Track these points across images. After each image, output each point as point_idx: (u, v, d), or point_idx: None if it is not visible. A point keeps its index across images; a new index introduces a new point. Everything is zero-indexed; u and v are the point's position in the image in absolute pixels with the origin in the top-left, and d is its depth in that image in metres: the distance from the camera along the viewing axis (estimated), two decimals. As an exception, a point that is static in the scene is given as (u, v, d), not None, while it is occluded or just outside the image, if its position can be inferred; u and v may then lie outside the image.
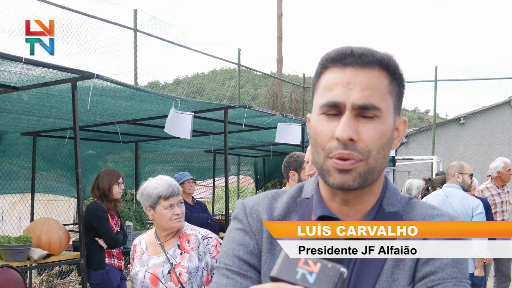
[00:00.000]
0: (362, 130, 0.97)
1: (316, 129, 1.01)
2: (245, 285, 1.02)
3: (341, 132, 0.96)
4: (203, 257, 2.80)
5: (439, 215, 1.05)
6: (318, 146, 1.01)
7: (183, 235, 2.86)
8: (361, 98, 0.97)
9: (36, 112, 5.65)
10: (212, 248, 2.81)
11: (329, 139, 0.99)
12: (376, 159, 0.99)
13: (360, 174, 0.98)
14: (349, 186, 0.99)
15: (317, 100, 1.02)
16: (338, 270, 0.75)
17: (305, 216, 1.07)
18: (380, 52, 1.01)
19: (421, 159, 12.37)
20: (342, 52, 1.00)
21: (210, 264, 2.80)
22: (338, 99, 0.98)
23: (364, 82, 0.98)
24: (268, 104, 13.93)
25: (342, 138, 0.96)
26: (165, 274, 2.76)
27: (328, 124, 0.99)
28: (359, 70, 0.99)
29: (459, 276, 0.98)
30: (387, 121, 1.00)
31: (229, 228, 1.12)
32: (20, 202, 9.01)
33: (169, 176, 2.98)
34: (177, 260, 2.79)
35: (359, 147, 0.97)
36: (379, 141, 0.99)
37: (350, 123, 0.96)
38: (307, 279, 0.74)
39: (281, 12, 16.07)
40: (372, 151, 0.98)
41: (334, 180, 0.99)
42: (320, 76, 1.03)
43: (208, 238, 2.82)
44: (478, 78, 13.28)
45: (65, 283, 8.22)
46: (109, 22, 8.47)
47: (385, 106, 1.00)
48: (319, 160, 1.01)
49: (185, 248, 2.81)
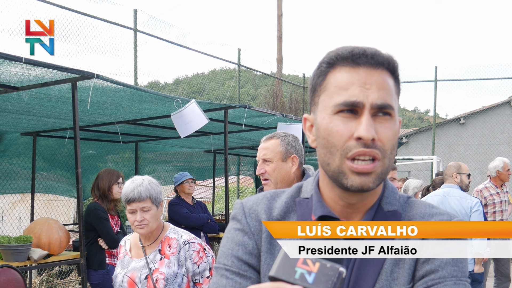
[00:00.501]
0: (380, 130, 0.97)
1: (331, 129, 0.98)
2: (244, 285, 1.02)
3: (365, 132, 0.95)
4: (183, 263, 2.66)
5: (438, 214, 1.05)
6: (332, 147, 0.99)
7: (165, 239, 2.72)
8: (380, 98, 0.97)
9: (36, 112, 5.65)
10: (194, 254, 2.67)
11: (347, 139, 0.97)
12: (389, 159, 1.00)
13: (378, 175, 0.98)
14: (368, 188, 0.98)
15: (328, 100, 1.00)
16: (337, 270, 0.75)
17: (304, 216, 1.07)
18: (386, 54, 1.02)
19: (421, 159, 12.36)
20: (354, 52, 0.99)
21: (192, 270, 2.66)
22: (357, 98, 0.97)
23: (378, 82, 0.98)
24: (268, 104, 13.93)
25: (366, 138, 0.95)
26: (142, 279, 2.66)
27: (344, 124, 0.97)
28: (373, 71, 0.99)
29: (459, 274, 0.98)
30: (396, 121, 1.02)
31: (228, 228, 1.11)
32: (20, 202, 9.01)
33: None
34: (156, 265, 2.67)
35: (378, 146, 0.97)
36: (393, 141, 1.00)
37: (371, 123, 0.96)
38: (306, 279, 0.74)
39: (281, 12, 16.07)
40: (387, 151, 0.99)
41: (352, 183, 0.98)
42: (327, 75, 1.02)
43: (189, 243, 2.67)
44: (478, 78, 13.27)
45: (65, 283, 8.22)
46: (109, 22, 8.47)
47: (395, 106, 1.01)
48: (333, 162, 0.99)
49: (165, 253, 2.68)
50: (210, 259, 2.72)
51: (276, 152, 2.59)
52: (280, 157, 2.59)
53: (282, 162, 2.59)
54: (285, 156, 2.59)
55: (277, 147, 2.60)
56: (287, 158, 2.59)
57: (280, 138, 2.63)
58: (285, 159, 2.59)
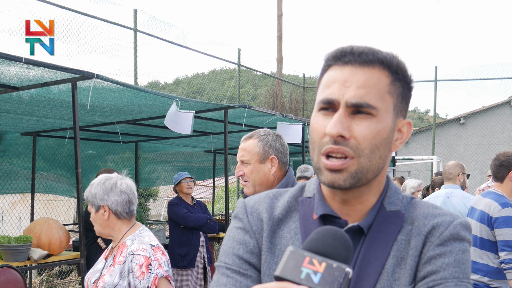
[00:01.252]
0: (355, 128, 0.97)
1: (312, 126, 1.02)
2: (244, 284, 1.02)
3: (331, 128, 0.96)
4: (125, 275, 2.40)
5: (441, 215, 1.04)
6: (313, 142, 1.01)
7: (122, 244, 2.52)
8: (355, 96, 0.96)
9: (36, 112, 5.65)
10: (136, 267, 2.39)
11: (323, 136, 0.98)
12: (369, 159, 0.98)
13: (351, 174, 0.98)
14: (339, 186, 0.98)
15: (317, 98, 1.02)
16: (344, 270, 0.74)
17: (306, 215, 1.07)
18: (383, 52, 1.01)
19: (421, 159, 12.36)
20: (342, 51, 1.00)
21: (133, 285, 2.37)
22: (333, 96, 0.98)
23: (361, 80, 0.97)
24: (268, 104, 13.92)
25: (331, 134, 0.96)
26: (91, 283, 2.51)
27: (323, 121, 0.99)
28: (358, 69, 0.98)
29: (460, 276, 0.97)
30: (383, 121, 0.99)
31: (230, 227, 1.11)
32: (20, 202, 9.01)
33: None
34: (105, 271, 2.49)
35: (351, 144, 0.97)
36: (373, 140, 0.98)
37: (342, 120, 0.96)
38: (312, 279, 0.73)
39: (281, 12, 16.08)
40: (365, 149, 0.97)
41: (325, 179, 0.99)
42: (323, 74, 1.03)
43: (134, 255, 2.41)
44: (478, 78, 13.27)
45: (65, 283, 8.22)
46: (109, 22, 8.46)
47: (382, 105, 0.99)
48: (313, 157, 1.01)
49: (115, 260, 2.47)
50: (152, 277, 2.40)
51: (253, 153, 2.47)
52: (257, 159, 2.47)
53: (260, 164, 2.47)
54: (263, 158, 2.47)
55: (255, 148, 2.48)
56: (265, 160, 2.47)
57: (258, 138, 2.50)
58: (263, 161, 2.47)
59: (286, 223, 1.08)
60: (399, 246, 1.01)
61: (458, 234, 1.01)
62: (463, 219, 1.04)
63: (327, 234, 0.80)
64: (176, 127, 5.27)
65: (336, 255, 0.78)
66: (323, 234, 0.80)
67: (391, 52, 1.02)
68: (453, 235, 1.00)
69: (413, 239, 1.01)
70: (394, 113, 1.02)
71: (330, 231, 0.81)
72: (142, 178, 8.83)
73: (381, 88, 0.99)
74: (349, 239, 0.81)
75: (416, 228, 1.02)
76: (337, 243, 0.79)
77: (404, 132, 1.06)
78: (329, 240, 0.79)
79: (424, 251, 1.00)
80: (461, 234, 1.01)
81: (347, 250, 0.79)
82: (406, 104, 1.06)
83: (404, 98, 1.04)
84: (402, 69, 1.02)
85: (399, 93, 1.02)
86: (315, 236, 0.80)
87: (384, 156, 1.01)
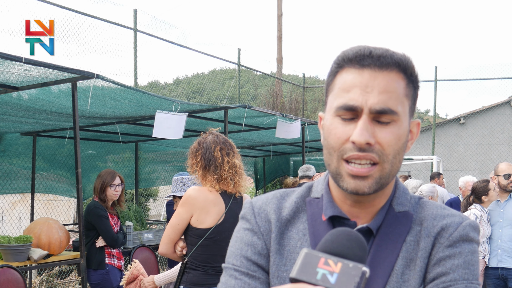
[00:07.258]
0: (379, 135, 0.96)
1: (330, 131, 0.99)
2: (253, 286, 1.01)
3: (358, 136, 0.94)
4: None
5: (450, 215, 1.03)
6: (331, 148, 0.99)
7: None
8: (379, 103, 0.95)
9: (36, 112, 5.64)
10: None
11: (344, 142, 0.96)
12: (392, 164, 0.97)
13: (376, 180, 0.97)
14: (363, 193, 0.97)
15: (332, 101, 0.99)
16: (360, 269, 0.73)
17: (314, 216, 1.06)
18: (398, 54, 0.99)
19: (421, 159, 12.35)
20: (360, 53, 0.97)
21: None
22: (356, 102, 0.95)
23: (382, 85, 0.95)
24: (268, 104, 13.91)
25: (359, 142, 0.94)
26: None
27: (343, 127, 0.97)
28: (377, 73, 0.96)
29: (470, 277, 0.96)
30: (403, 125, 0.99)
31: (237, 228, 1.10)
32: (20, 202, 8.99)
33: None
34: None
35: (376, 149, 0.95)
36: (396, 146, 0.97)
37: (367, 127, 0.94)
38: (328, 280, 0.72)
39: (281, 12, 16.07)
40: (389, 155, 0.96)
41: (347, 186, 0.97)
42: (336, 76, 1.01)
43: None
44: (478, 78, 13.27)
45: (65, 283, 8.21)
46: (110, 22, 8.46)
47: (401, 109, 0.98)
48: (332, 163, 0.99)
49: None
50: None
51: None
52: None
53: None
54: None
55: None
56: None
57: None
58: None
59: (294, 224, 1.06)
60: (408, 247, 1.00)
61: (467, 235, 1.00)
62: (472, 220, 1.03)
63: (341, 235, 0.79)
64: (168, 133, 5.25)
65: (351, 256, 0.77)
66: (337, 235, 0.79)
67: (404, 54, 1.00)
68: (462, 237, 1.00)
69: (422, 240, 1.00)
70: (409, 115, 1.02)
71: (344, 231, 0.80)
72: (142, 178, 8.82)
73: (400, 92, 0.98)
74: (363, 240, 0.80)
75: (425, 229, 1.01)
76: (352, 244, 0.78)
77: (414, 133, 1.06)
78: (344, 241, 0.78)
79: (433, 252, 0.99)
80: (470, 235, 1.00)
81: (363, 251, 0.78)
82: (415, 104, 1.05)
83: (415, 99, 1.04)
84: (414, 71, 1.01)
85: (412, 95, 1.02)
86: (329, 238, 0.79)
87: (402, 159, 1.01)
